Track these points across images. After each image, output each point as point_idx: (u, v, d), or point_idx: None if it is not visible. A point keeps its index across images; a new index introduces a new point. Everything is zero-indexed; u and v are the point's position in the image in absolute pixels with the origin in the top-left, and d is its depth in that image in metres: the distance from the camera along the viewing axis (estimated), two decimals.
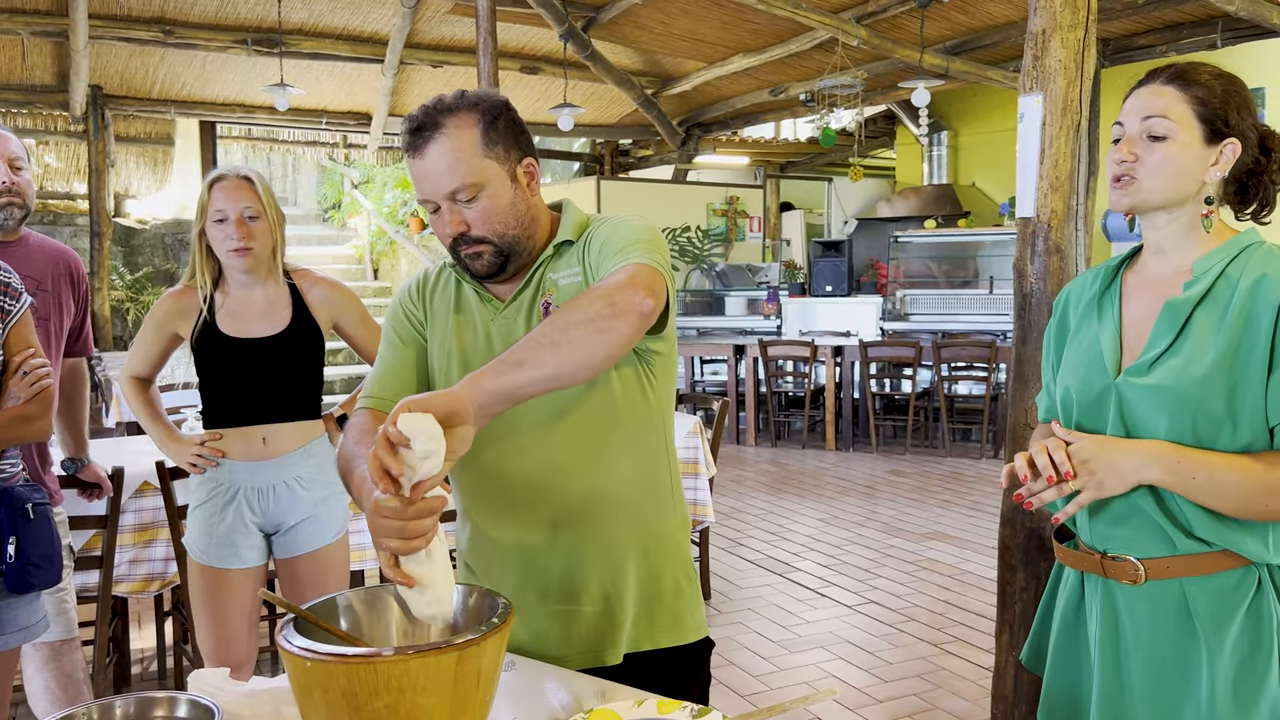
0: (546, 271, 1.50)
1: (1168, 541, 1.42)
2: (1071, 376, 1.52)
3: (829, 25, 7.33)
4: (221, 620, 2.49)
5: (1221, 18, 7.18)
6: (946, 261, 9.78)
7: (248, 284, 2.50)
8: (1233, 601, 1.39)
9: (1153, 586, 1.43)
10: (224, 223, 2.40)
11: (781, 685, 3.56)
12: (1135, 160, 1.44)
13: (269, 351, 2.49)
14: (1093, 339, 1.52)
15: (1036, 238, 2.49)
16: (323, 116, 9.98)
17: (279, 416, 2.51)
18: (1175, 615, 1.42)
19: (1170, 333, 1.42)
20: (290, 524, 2.52)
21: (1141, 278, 1.53)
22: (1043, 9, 2.46)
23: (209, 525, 2.48)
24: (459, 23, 8.26)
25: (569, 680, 1.38)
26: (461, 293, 1.56)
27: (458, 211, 1.43)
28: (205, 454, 2.48)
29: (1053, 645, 1.62)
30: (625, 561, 1.50)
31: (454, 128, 1.41)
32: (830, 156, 12.73)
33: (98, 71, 8.56)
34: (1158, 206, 1.46)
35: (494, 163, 1.43)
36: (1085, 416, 1.49)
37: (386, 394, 1.53)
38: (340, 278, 13.16)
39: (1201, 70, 1.46)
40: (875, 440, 8.32)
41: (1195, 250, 1.46)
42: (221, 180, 2.43)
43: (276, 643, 1.13)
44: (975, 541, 5.44)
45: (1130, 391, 1.43)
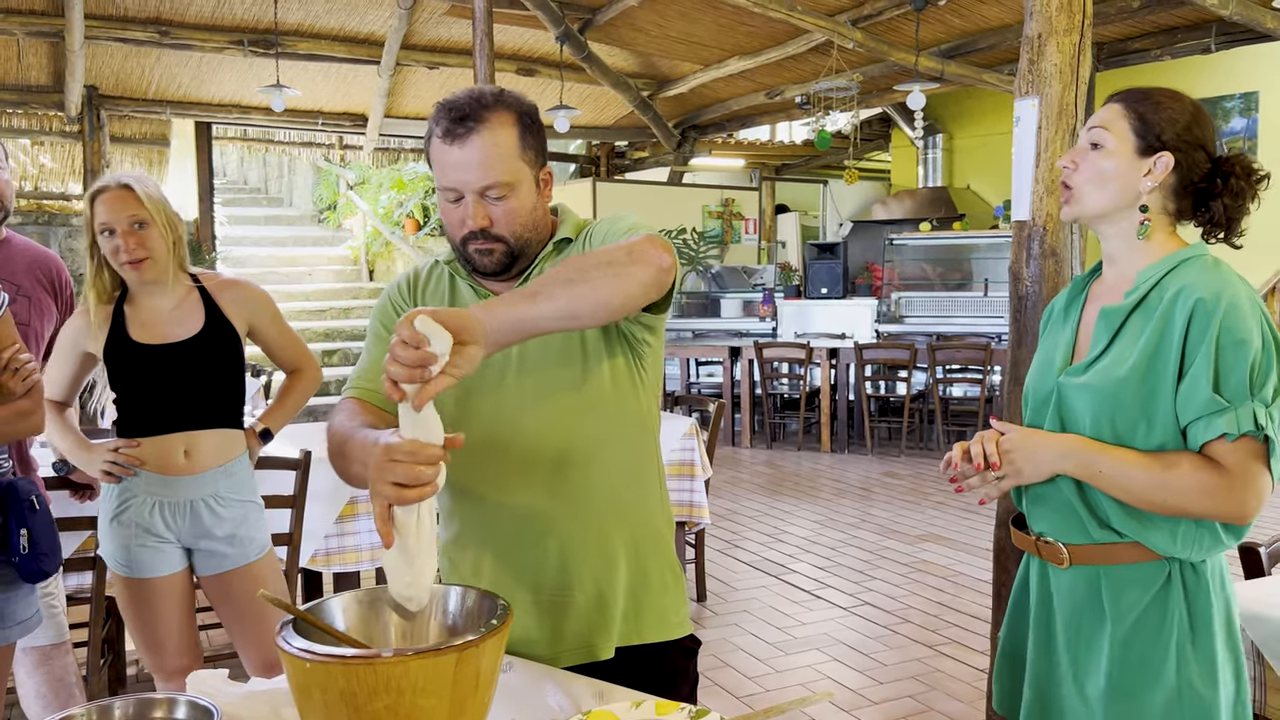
0: (544, 269, 1.50)
1: (1083, 529, 1.53)
2: (1031, 377, 1.66)
3: (824, 28, 7.35)
4: (153, 628, 2.43)
5: (1215, 22, 7.21)
6: (941, 264, 9.80)
7: (154, 292, 2.43)
8: (1138, 591, 1.49)
9: (1076, 570, 1.55)
10: (111, 235, 2.32)
11: (777, 687, 3.56)
12: (1075, 168, 1.55)
13: (183, 356, 2.42)
14: (1053, 343, 1.64)
15: (1032, 241, 2.50)
16: (318, 117, 9.97)
17: (198, 423, 2.43)
18: (1090, 598, 1.54)
19: (1106, 337, 1.53)
20: (211, 542, 2.46)
21: (1100, 287, 1.63)
22: (1038, 14, 2.47)
23: (124, 537, 2.41)
24: (455, 24, 8.26)
25: (567, 682, 1.39)
26: (456, 289, 1.56)
27: (484, 206, 1.43)
28: (120, 461, 2.38)
29: (1005, 617, 1.76)
30: (615, 553, 1.52)
31: (496, 124, 1.41)
32: (826, 159, 12.76)
33: (93, 72, 8.54)
34: (1096, 215, 1.55)
35: (526, 166, 1.45)
36: (1035, 413, 1.62)
37: (375, 385, 1.52)
38: (335, 279, 13.05)
39: (1156, 92, 1.54)
40: (870, 442, 8.33)
41: (1142, 260, 1.54)
42: (103, 192, 2.34)
43: (275, 644, 1.13)
44: (970, 543, 5.45)
45: (1067, 390, 1.55)
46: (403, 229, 12.16)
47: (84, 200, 2.38)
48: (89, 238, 2.37)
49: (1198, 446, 1.42)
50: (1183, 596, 1.48)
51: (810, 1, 7.26)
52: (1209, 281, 1.43)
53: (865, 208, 12.62)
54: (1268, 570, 2.04)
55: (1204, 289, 1.42)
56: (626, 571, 1.53)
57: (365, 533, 3.44)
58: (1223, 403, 1.39)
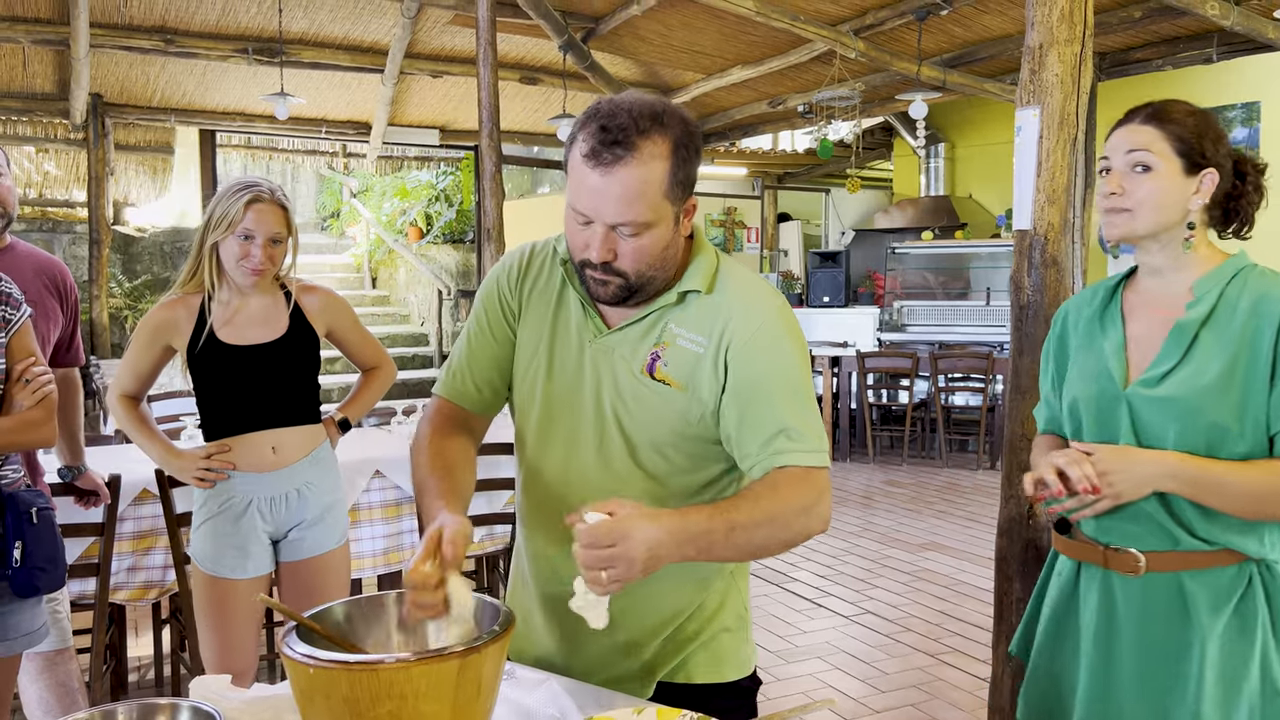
0: (668, 321, 1.39)
1: (1170, 539, 1.52)
2: (1080, 388, 1.62)
3: (827, 38, 7.36)
4: (227, 630, 2.49)
5: (1217, 32, 7.22)
6: (943, 273, 9.80)
7: (245, 293, 2.51)
8: (1227, 594, 1.50)
9: (1151, 578, 1.53)
10: (250, 240, 2.39)
11: (778, 695, 3.56)
12: (1123, 193, 1.56)
13: (270, 357, 2.49)
14: (1098, 353, 1.62)
15: (1033, 250, 2.51)
16: (322, 125, 10.00)
17: (283, 421, 2.51)
18: (1171, 605, 1.52)
19: (1179, 349, 1.53)
20: (299, 529, 2.53)
21: (1142, 297, 1.64)
22: (1040, 24, 2.48)
23: (220, 537, 2.47)
24: (459, 33, 8.29)
25: (568, 688, 1.39)
26: (565, 294, 1.45)
27: (612, 239, 1.30)
28: (213, 467, 2.46)
29: (1040, 633, 1.71)
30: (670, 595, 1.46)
31: (648, 156, 1.27)
32: (828, 168, 12.77)
33: (98, 80, 8.57)
34: (1146, 235, 1.57)
35: (669, 204, 1.31)
36: (1096, 425, 1.60)
37: (466, 387, 1.50)
38: (338, 287, 13.11)
39: (1175, 108, 1.58)
40: (872, 451, 8.33)
41: (1192, 272, 1.57)
42: (258, 202, 2.39)
43: (279, 649, 1.13)
44: (971, 552, 5.44)
45: (1140, 402, 1.54)
46: (406, 237, 12.18)
47: (226, 197, 2.40)
48: (217, 235, 2.40)
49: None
50: (1264, 597, 1.51)
51: (813, 11, 7.28)
52: None
53: (867, 216, 12.63)
54: None
55: None
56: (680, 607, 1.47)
57: (367, 540, 3.45)
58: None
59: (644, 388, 1.38)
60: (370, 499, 3.45)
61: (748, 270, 1.47)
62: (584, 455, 1.42)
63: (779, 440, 1.32)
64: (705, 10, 7.30)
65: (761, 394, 1.34)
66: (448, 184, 12.47)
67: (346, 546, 2.65)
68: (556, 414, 1.44)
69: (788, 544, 1.31)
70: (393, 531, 3.50)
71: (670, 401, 1.38)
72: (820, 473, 1.33)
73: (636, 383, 1.39)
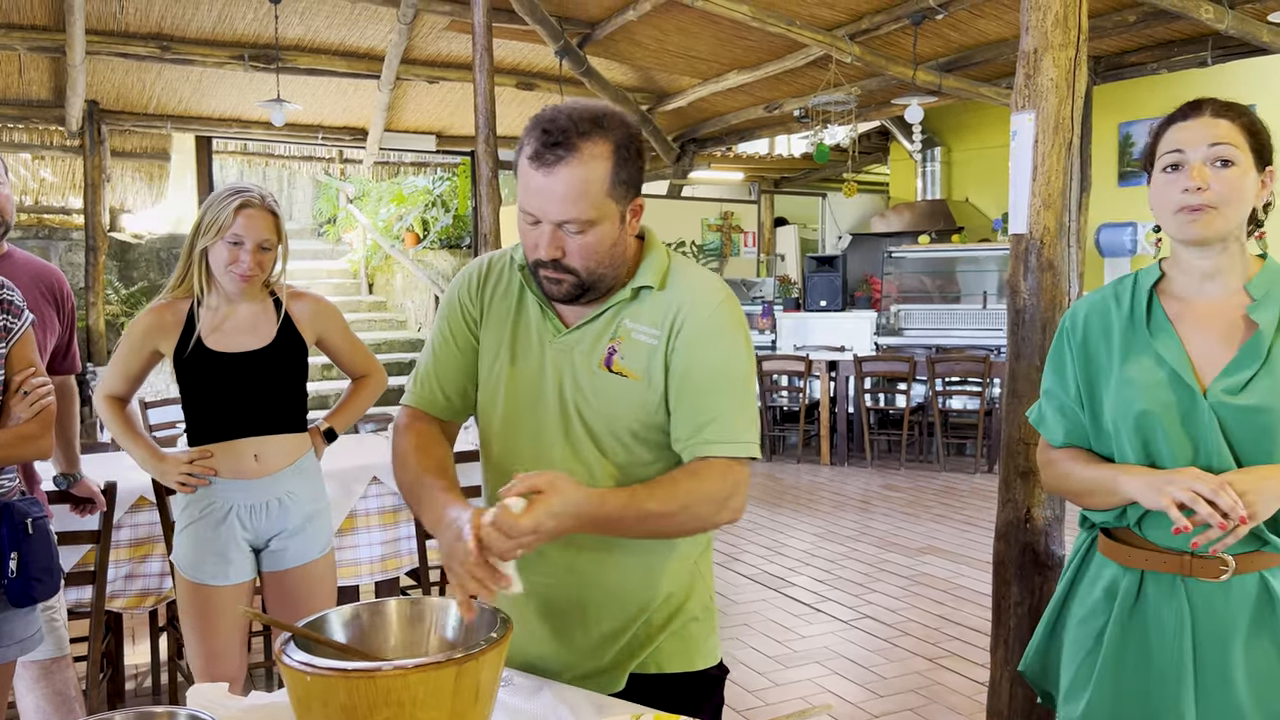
0: (623, 316, 1.46)
1: (1258, 541, 1.50)
2: (1147, 399, 1.54)
3: (823, 42, 7.38)
4: (212, 636, 2.48)
5: (1212, 35, 7.24)
6: (940, 276, 9.81)
7: (234, 299, 2.50)
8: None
9: (1234, 580, 1.50)
10: (239, 246, 2.39)
11: (777, 700, 3.56)
12: (1209, 186, 1.48)
13: (256, 365, 2.48)
14: (1155, 362, 1.55)
15: (1029, 254, 2.51)
16: (319, 131, 10.00)
17: (268, 429, 2.50)
18: (1261, 605, 1.50)
19: (1257, 356, 1.49)
20: (280, 538, 2.52)
21: (1187, 303, 1.58)
22: (1034, 28, 2.49)
23: (200, 543, 2.47)
24: (455, 39, 8.30)
25: (566, 695, 1.39)
26: (524, 299, 1.52)
27: (559, 237, 1.37)
28: (195, 472, 2.45)
29: (1103, 654, 1.60)
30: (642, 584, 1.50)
31: (589, 156, 1.34)
32: (824, 172, 12.79)
33: (94, 86, 8.57)
34: (1223, 236, 1.52)
35: (613, 203, 1.38)
36: (1175, 436, 1.52)
37: (435, 396, 1.55)
38: (335, 292, 13.10)
39: (1233, 104, 1.54)
40: (870, 455, 8.33)
41: (1239, 272, 1.54)
42: (248, 207, 2.39)
43: (276, 657, 1.13)
44: (969, 556, 5.44)
45: (1226, 411, 1.49)
46: (402, 242, 12.18)
47: (216, 203, 2.40)
48: (206, 240, 2.40)
49: None
50: None
51: (808, 16, 7.30)
52: None
53: (864, 220, 12.65)
54: None
55: None
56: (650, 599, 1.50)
57: (364, 546, 3.45)
58: None
59: (603, 380, 1.45)
60: (368, 505, 3.45)
61: (698, 267, 1.54)
62: (552, 451, 1.47)
63: (709, 429, 1.40)
64: (701, 15, 7.32)
65: (699, 382, 1.41)
66: (444, 189, 12.48)
67: (331, 555, 2.64)
68: (522, 412, 1.49)
69: (694, 531, 1.41)
70: (390, 538, 3.50)
71: (628, 392, 1.44)
72: (741, 466, 1.41)
73: (595, 376, 1.45)
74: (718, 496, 1.38)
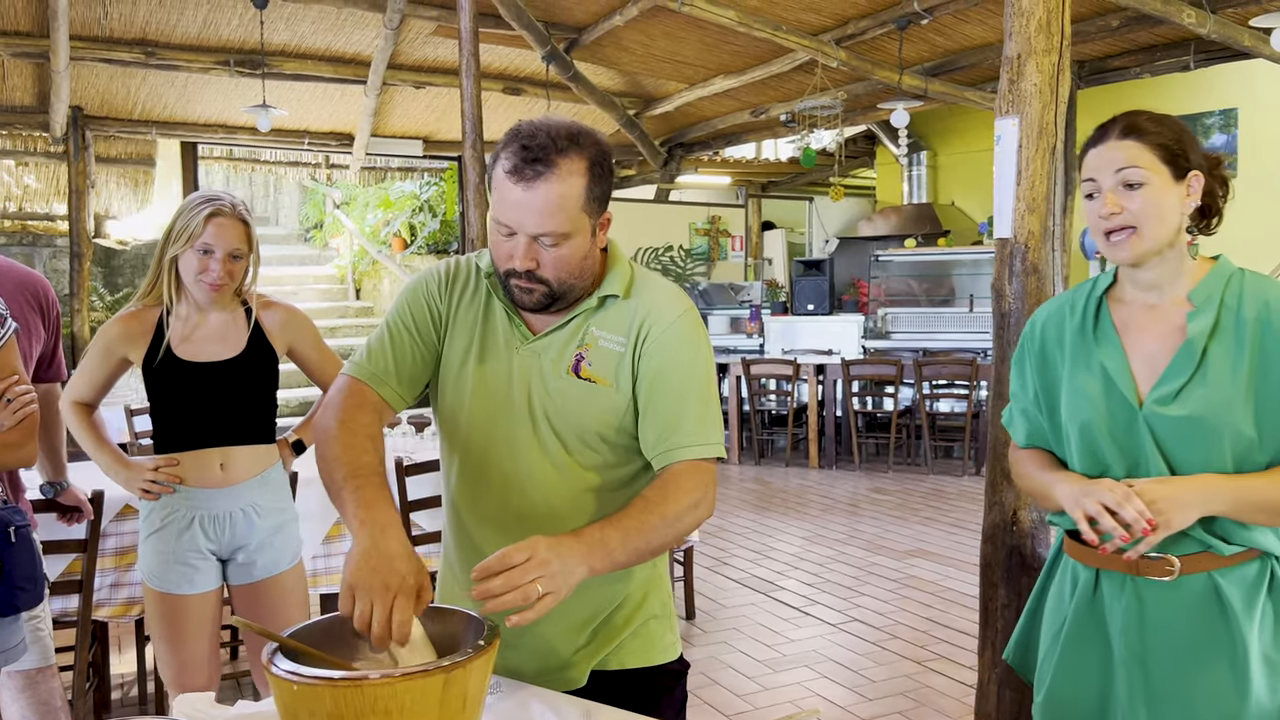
0: (590, 324, 1.49)
1: (1201, 545, 1.53)
2: (1089, 410, 1.58)
3: (809, 47, 7.40)
4: (182, 646, 2.46)
5: (1194, 40, 7.29)
6: (927, 280, 9.85)
7: (204, 308, 2.48)
8: (1256, 588, 1.53)
9: (1183, 580, 1.53)
10: (209, 255, 2.37)
11: (766, 705, 3.56)
12: (1122, 211, 1.52)
13: (225, 375, 2.46)
14: (1099, 371, 1.58)
15: (1014, 258, 2.53)
16: (305, 137, 9.97)
17: (235, 440, 2.48)
18: (1208, 605, 1.53)
19: (1190, 364, 1.52)
20: (246, 551, 2.50)
21: (1133, 310, 1.61)
22: (1017, 34, 2.50)
23: (164, 552, 2.44)
24: (441, 44, 8.29)
25: (554, 702, 1.39)
26: (491, 306, 1.54)
27: (534, 249, 1.40)
28: (160, 479, 2.43)
29: (1057, 648, 1.67)
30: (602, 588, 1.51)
31: (566, 172, 1.38)
32: (811, 176, 12.82)
33: (78, 92, 8.53)
34: (1155, 252, 1.54)
35: (587, 217, 1.42)
36: (1114, 446, 1.56)
37: (389, 376, 1.52)
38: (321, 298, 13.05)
39: (1145, 118, 1.56)
40: (858, 458, 8.35)
41: (1184, 281, 1.56)
42: (219, 216, 2.37)
43: (265, 667, 1.13)
44: (957, 558, 5.46)
45: (1161, 421, 1.52)
46: (389, 248, 12.16)
47: (187, 210, 2.38)
48: (176, 249, 2.38)
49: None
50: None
51: (794, 21, 7.32)
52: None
53: (851, 224, 12.69)
54: None
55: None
56: (612, 599, 1.53)
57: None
58: None
59: (571, 386, 1.47)
60: None
61: (660, 277, 1.58)
62: (525, 455, 1.49)
63: (677, 434, 1.44)
64: (687, 21, 7.33)
65: (666, 387, 1.45)
66: (431, 195, 12.46)
67: (301, 566, 2.62)
68: (494, 417, 1.50)
69: (680, 536, 1.42)
70: None
71: (596, 397, 1.47)
72: (707, 466, 1.44)
73: (563, 382, 1.48)
74: (691, 501, 1.41)
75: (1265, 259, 8.57)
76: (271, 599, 2.52)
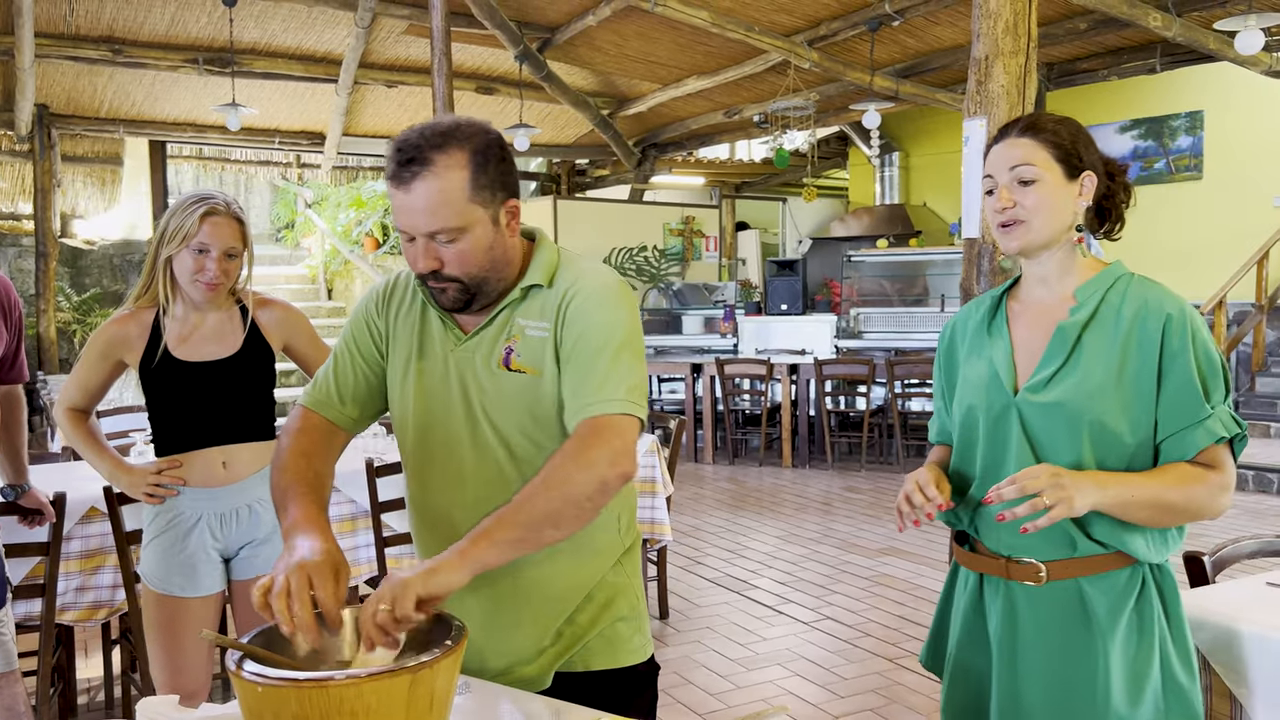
0: (515, 315, 1.50)
1: (1069, 544, 1.55)
2: (973, 396, 1.65)
3: (781, 48, 7.44)
4: (179, 649, 2.44)
5: (1160, 43, 7.39)
6: (899, 280, 9.92)
7: (200, 308, 2.47)
8: (1124, 598, 1.54)
9: (1052, 586, 1.57)
10: (204, 254, 2.35)
11: (740, 703, 3.57)
12: (1015, 206, 1.59)
13: (223, 374, 2.45)
14: (986, 361, 1.66)
15: (982, 258, 2.55)
16: (276, 136, 9.90)
17: (236, 438, 2.47)
18: (1073, 612, 1.56)
19: (1062, 353, 1.57)
20: (252, 546, 2.49)
21: (1025, 304, 1.67)
22: (985, 36, 2.53)
23: (169, 555, 2.43)
24: (414, 43, 8.26)
25: (523, 702, 1.38)
26: (426, 314, 1.56)
27: (433, 249, 1.41)
28: (164, 483, 2.41)
29: (953, 647, 1.73)
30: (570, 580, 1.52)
31: (444, 168, 1.37)
32: (784, 177, 12.88)
33: (44, 90, 8.42)
34: (1042, 245, 1.60)
35: (479, 207, 1.41)
36: (989, 433, 1.62)
37: (332, 401, 1.58)
38: (293, 298, 13.02)
39: (1046, 118, 1.62)
40: (831, 457, 8.39)
41: (1074, 279, 1.61)
42: (214, 215, 2.35)
43: (234, 673, 1.12)
44: (929, 556, 5.50)
45: (1029, 408, 1.57)
46: (361, 247, 12.09)
47: (181, 210, 2.36)
48: (171, 248, 2.36)
49: (1194, 452, 1.50)
50: (1158, 596, 1.56)
51: (767, 22, 7.35)
52: (1166, 299, 1.54)
53: (824, 225, 12.75)
54: (1211, 579, 2.09)
55: (1168, 306, 1.52)
56: (577, 599, 1.53)
57: None
58: (1209, 409, 1.48)
59: (503, 379, 1.48)
60: (334, 512, 3.42)
61: (588, 260, 1.57)
62: (462, 456, 1.50)
63: (590, 391, 1.41)
64: (661, 21, 7.34)
65: (580, 350, 1.44)
66: None
67: None
68: (433, 422, 1.52)
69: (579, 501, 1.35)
70: (348, 546, 3.47)
71: (527, 387, 1.47)
72: (624, 421, 1.40)
73: (496, 377, 1.49)
74: (602, 458, 1.36)
75: (1231, 258, 8.70)
76: None
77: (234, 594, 2.54)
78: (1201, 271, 8.83)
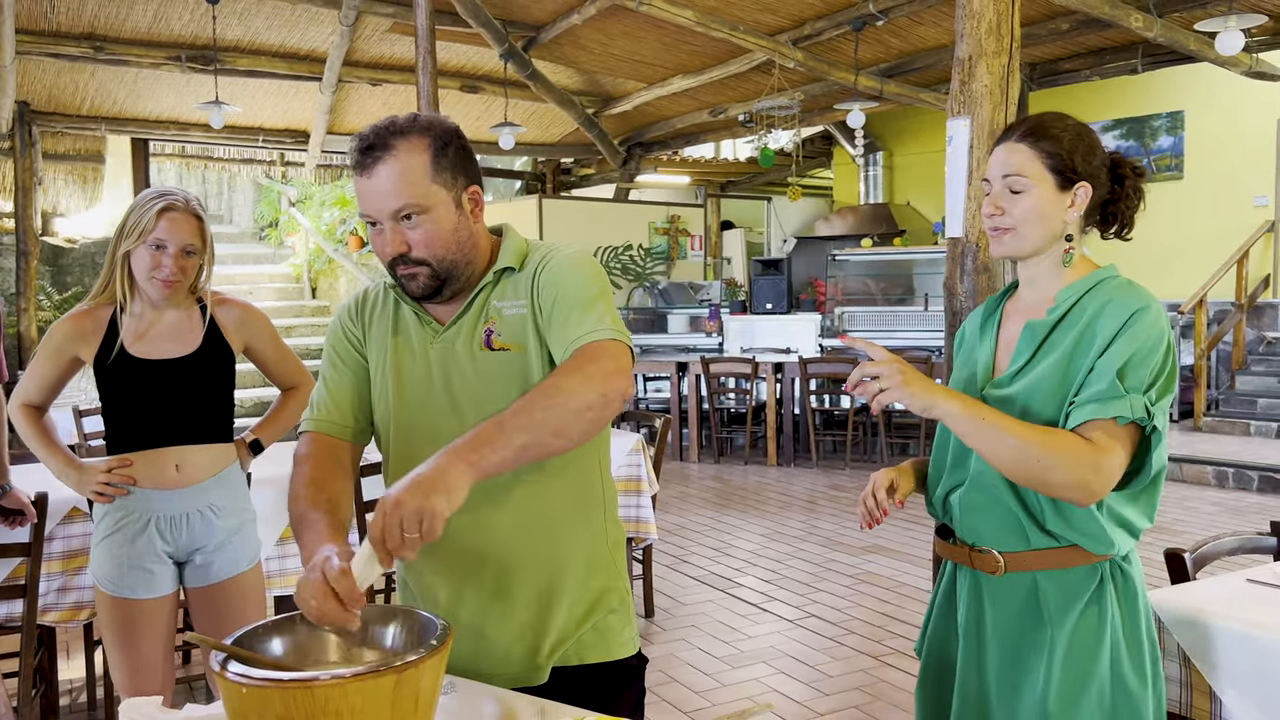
0: (490, 298, 1.52)
1: (1023, 535, 1.58)
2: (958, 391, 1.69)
3: (766, 48, 7.45)
4: (135, 651, 2.41)
5: (1142, 44, 7.44)
6: (883, 279, 9.96)
7: (158, 306, 2.44)
8: (1078, 593, 1.57)
9: (1011, 577, 1.60)
10: (161, 250, 2.33)
11: (725, 701, 3.58)
12: (1002, 213, 1.61)
13: (180, 373, 2.42)
14: (971, 359, 1.71)
15: (965, 257, 2.57)
16: (259, 134, 9.85)
17: (190, 439, 2.44)
18: (1027, 604, 1.60)
19: (1029, 351, 1.61)
20: (204, 553, 2.46)
21: (1016, 305, 1.71)
22: (968, 36, 2.54)
23: (118, 555, 2.39)
24: (398, 41, 8.23)
25: (508, 701, 1.39)
26: (400, 314, 1.57)
27: (400, 231, 1.44)
28: (114, 481, 2.37)
29: (929, 633, 1.78)
30: (557, 575, 1.52)
31: (404, 151, 1.42)
32: (769, 176, 12.91)
33: (25, 87, 8.35)
34: (1030, 253, 1.63)
35: (441, 188, 1.45)
36: None
37: (332, 417, 1.58)
38: (277, 297, 12.88)
39: (1051, 123, 1.62)
40: (815, 455, 8.42)
41: (1060, 281, 1.63)
42: (171, 211, 2.33)
43: (211, 669, 1.11)
44: (913, 554, 5.52)
45: (991, 403, 1.60)
46: (346, 246, 12.04)
47: (139, 206, 2.34)
48: (129, 244, 2.34)
49: (1081, 420, 1.49)
50: (1115, 597, 1.56)
51: (752, 22, 7.36)
52: (1129, 297, 1.55)
53: (808, 224, 12.79)
54: (1192, 576, 2.11)
55: (1134, 304, 1.53)
56: (569, 594, 1.53)
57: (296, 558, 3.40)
58: (1122, 390, 1.48)
59: (486, 361, 1.49)
60: None
61: (557, 243, 1.59)
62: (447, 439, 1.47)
63: (572, 330, 1.42)
64: (646, 20, 7.35)
65: (560, 305, 1.46)
66: None
67: (259, 568, 2.58)
68: (415, 420, 1.53)
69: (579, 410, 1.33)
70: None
71: (512, 364, 1.48)
72: (615, 345, 1.40)
73: (478, 360, 1.49)
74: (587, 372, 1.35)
75: (1211, 258, 8.77)
76: (229, 600, 2.48)
77: (191, 601, 2.51)
78: (1182, 271, 8.90)
